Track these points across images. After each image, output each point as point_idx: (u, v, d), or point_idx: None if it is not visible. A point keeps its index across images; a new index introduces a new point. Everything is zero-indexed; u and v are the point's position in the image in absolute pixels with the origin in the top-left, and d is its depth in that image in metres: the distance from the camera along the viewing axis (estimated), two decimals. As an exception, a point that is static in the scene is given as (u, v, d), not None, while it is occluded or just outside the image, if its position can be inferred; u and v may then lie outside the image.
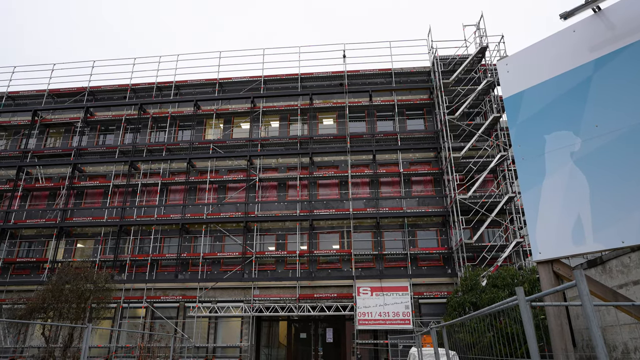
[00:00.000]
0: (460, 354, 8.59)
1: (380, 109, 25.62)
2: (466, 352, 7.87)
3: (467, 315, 5.86)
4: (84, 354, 7.04)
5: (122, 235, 23.67)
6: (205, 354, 21.09)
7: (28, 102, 28.62)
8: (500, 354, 6.88)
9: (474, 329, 7.34)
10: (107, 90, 28.10)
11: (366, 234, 22.85)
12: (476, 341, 7.21)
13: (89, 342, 7.75)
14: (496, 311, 4.88)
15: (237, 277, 22.09)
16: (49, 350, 16.47)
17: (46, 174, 26.23)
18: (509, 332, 7.26)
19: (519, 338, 6.62)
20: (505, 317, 6.35)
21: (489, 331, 7.55)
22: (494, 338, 6.83)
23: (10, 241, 24.50)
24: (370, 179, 24.00)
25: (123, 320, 22.13)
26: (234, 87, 27.34)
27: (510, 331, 7.17)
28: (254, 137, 25.30)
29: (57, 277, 17.89)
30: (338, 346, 22.05)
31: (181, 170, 25.23)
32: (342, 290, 21.38)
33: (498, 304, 4.41)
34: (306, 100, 25.77)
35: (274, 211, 23.53)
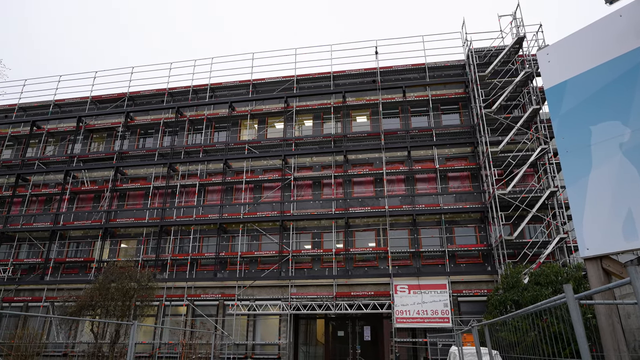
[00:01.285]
0: (503, 353, 8.38)
1: (414, 105, 25.28)
2: (508, 351, 7.67)
3: (511, 313, 5.70)
4: (130, 349, 7.30)
5: (163, 235, 24.38)
6: (245, 351, 21.45)
7: (73, 109, 29.89)
8: (544, 353, 6.66)
9: (516, 328, 7.14)
10: (146, 95, 28.99)
11: (402, 231, 22.62)
12: (519, 340, 7.01)
13: (135, 339, 8.02)
14: (540, 310, 4.72)
15: (275, 275, 22.34)
16: (97, 346, 17.16)
17: (91, 177, 27.34)
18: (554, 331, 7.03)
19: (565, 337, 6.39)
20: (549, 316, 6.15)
21: (532, 330, 7.33)
22: (537, 337, 6.63)
23: (60, 242, 25.70)
24: (405, 176, 23.73)
25: (165, 317, 22.80)
26: (268, 87, 27.63)
27: (554, 330, 6.94)
28: (288, 136, 25.49)
29: (104, 276, 18.62)
30: (376, 344, 21.94)
31: (218, 171, 25.73)
32: (379, 288, 21.25)
33: (544, 302, 4.26)
34: (339, 98, 25.74)
35: (309, 210, 23.64)
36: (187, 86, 28.30)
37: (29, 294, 24.45)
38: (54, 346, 22.60)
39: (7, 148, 29.79)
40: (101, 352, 16.85)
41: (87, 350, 19.06)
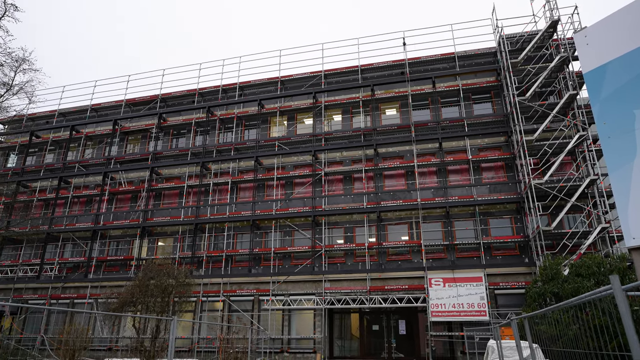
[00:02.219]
0: (543, 346, 8.17)
1: (445, 95, 24.83)
2: (549, 345, 7.47)
3: (552, 306, 5.54)
4: (171, 344, 7.51)
5: (198, 233, 24.91)
6: (281, 345, 21.72)
7: (109, 112, 30.85)
8: (588, 347, 6.45)
9: (557, 321, 6.94)
10: (177, 96, 29.61)
11: (436, 224, 22.32)
12: (560, 334, 6.82)
13: (175, 334, 8.25)
14: (582, 302, 4.57)
15: (308, 270, 22.48)
16: (139, 340, 17.73)
17: (128, 178, 28.19)
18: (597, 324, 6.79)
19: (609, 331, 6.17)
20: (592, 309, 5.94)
21: (574, 323, 7.11)
22: (580, 330, 6.43)
23: (101, 241, 26.66)
24: (437, 168, 23.38)
25: (203, 313, 23.34)
26: (296, 83, 27.72)
27: (598, 323, 6.71)
28: (317, 132, 25.54)
29: (143, 273, 19.21)
30: (411, 338, 21.80)
31: (249, 168, 26.06)
32: (413, 281, 21.08)
33: (589, 294, 4.13)
34: (367, 91, 25.56)
35: (340, 204, 23.65)
36: (217, 86, 28.73)
37: (74, 292, 25.50)
38: (99, 341, 23.53)
39: (49, 152, 31.07)
40: (143, 347, 17.39)
41: (130, 345, 19.74)
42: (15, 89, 20.92)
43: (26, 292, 26.28)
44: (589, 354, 5.97)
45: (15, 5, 19.76)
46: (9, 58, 20.64)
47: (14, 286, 26.32)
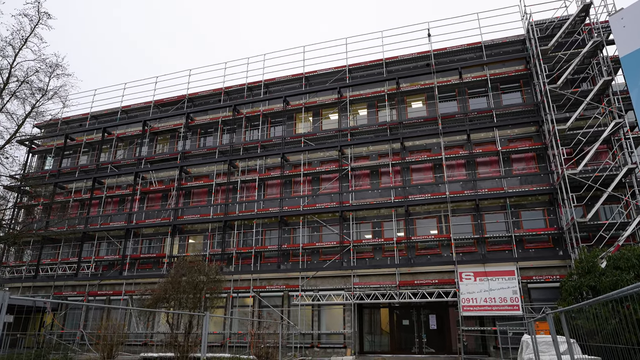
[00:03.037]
0: (580, 341, 7.95)
1: (472, 86, 24.33)
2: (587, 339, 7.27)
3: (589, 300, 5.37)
4: (204, 339, 7.66)
5: (227, 230, 25.27)
6: (311, 340, 21.85)
7: (138, 114, 31.58)
8: (628, 342, 6.23)
9: (594, 315, 6.73)
10: (204, 95, 30.04)
11: (465, 217, 21.96)
12: (598, 328, 6.61)
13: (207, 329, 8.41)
14: (622, 296, 4.40)
15: (336, 265, 22.51)
16: (173, 335, 18.14)
17: (158, 177, 28.82)
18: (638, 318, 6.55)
19: (654, 325, 5.94)
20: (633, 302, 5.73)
21: (613, 317, 6.89)
22: (619, 325, 6.22)
23: (134, 239, 27.40)
24: (466, 160, 22.97)
25: (234, 309, 23.70)
26: (320, 79, 27.69)
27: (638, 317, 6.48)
28: (343, 127, 25.47)
29: (175, 270, 19.62)
30: (442, 333, 21.56)
31: (276, 165, 26.23)
32: (443, 276, 20.83)
33: (630, 287, 3.97)
34: (393, 85, 25.31)
35: (368, 199, 23.55)
36: (242, 84, 29.00)
37: (110, 289, 26.30)
38: (135, 336, 24.22)
39: (83, 154, 32.07)
40: (177, 342, 17.77)
41: (164, 340, 20.22)
42: (50, 93, 21.63)
43: (65, 289, 27.28)
44: (630, 349, 5.77)
45: (48, 13, 20.41)
46: (44, 64, 21.35)
47: (54, 284, 27.36)
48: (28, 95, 20.98)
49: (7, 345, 18.74)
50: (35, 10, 20.15)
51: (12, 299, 4.99)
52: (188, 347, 17.34)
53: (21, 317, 25.00)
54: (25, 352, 17.56)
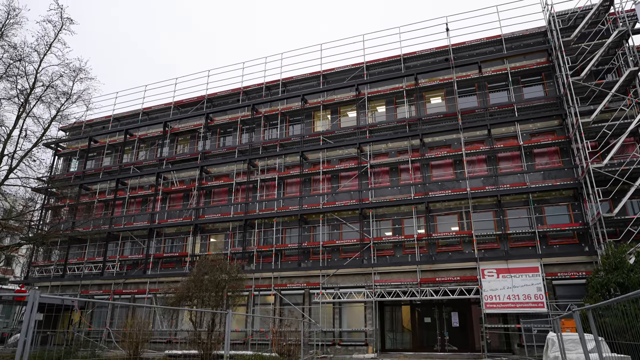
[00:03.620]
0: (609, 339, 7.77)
1: (492, 80, 23.96)
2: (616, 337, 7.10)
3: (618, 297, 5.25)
4: (227, 337, 7.76)
5: (248, 229, 25.49)
6: (333, 338, 21.89)
7: (159, 115, 32.08)
8: (659, 341, 6.07)
9: (623, 313, 6.57)
10: (222, 95, 30.33)
11: (487, 213, 21.67)
12: (628, 326, 6.45)
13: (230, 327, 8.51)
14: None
15: (357, 263, 22.49)
16: (196, 333, 18.41)
17: (179, 177, 29.24)
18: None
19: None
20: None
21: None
22: (650, 322, 6.05)
23: (156, 239, 27.87)
24: (487, 155, 22.65)
25: (255, 307, 23.91)
26: (338, 77, 27.65)
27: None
28: (361, 124, 25.40)
29: (197, 269, 19.89)
30: (464, 330, 21.35)
31: (295, 164, 26.32)
32: (465, 273, 20.61)
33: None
34: (411, 80, 25.11)
35: (388, 196, 23.44)
36: (260, 83, 29.17)
37: (135, 287, 26.83)
38: (159, 334, 24.66)
39: (106, 156, 32.75)
40: (200, 339, 18.03)
41: (188, 337, 20.54)
42: (74, 97, 22.08)
43: (92, 288, 27.95)
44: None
45: (71, 19, 20.83)
46: (67, 69, 21.81)
47: (81, 283, 28.05)
48: (53, 99, 21.47)
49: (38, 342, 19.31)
50: (59, 16, 20.60)
51: (42, 298, 5.16)
52: (211, 344, 17.59)
53: (50, 315, 25.73)
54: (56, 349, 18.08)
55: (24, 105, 20.62)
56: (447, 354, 20.12)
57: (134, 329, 18.57)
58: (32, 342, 4.53)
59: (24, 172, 21.17)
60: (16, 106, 20.81)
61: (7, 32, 19.71)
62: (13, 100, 20.59)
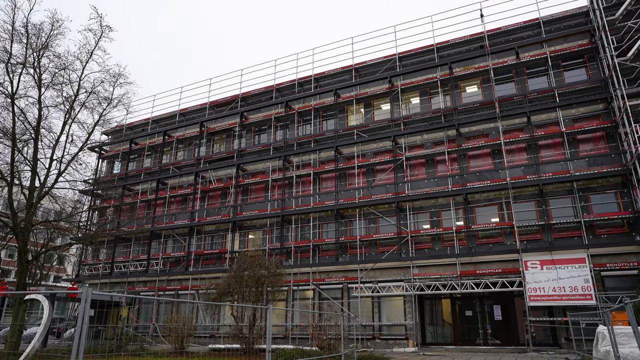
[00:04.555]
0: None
1: (531, 66, 23.14)
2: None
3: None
4: (268, 331, 7.90)
5: (285, 225, 25.76)
6: (372, 331, 21.87)
7: (195, 116, 32.83)
8: None
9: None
10: (256, 94, 30.69)
11: (528, 203, 21.01)
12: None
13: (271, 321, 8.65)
14: None
15: (395, 257, 22.33)
16: (238, 328, 18.84)
17: (217, 176, 29.86)
18: None
19: None
20: None
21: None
22: None
23: (197, 236, 28.61)
24: (526, 144, 21.94)
25: (294, 301, 24.17)
26: (370, 70, 27.43)
27: None
28: (395, 116, 25.12)
29: (237, 265, 20.32)
30: (508, 324, 20.84)
31: (330, 159, 26.35)
32: (506, 265, 20.09)
33: None
34: (445, 70, 24.60)
35: (424, 189, 23.12)
36: (292, 80, 29.33)
37: (178, 284, 27.68)
38: (203, 328, 25.36)
39: (147, 157, 33.83)
40: (242, 333, 18.45)
41: (230, 332, 21.04)
42: (115, 102, 22.87)
43: (137, 285, 29.03)
44: None
45: (110, 27, 21.57)
46: (108, 75, 22.61)
47: (127, 280, 29.18)
48: (95, 104, 22.31)
49: (91, 336, 20.25)
50: (98, 24, 21.36)
51: (93, 295, 5.41)
52: (253, 338, 17.95)
53: (101, 311, 26.93)
54: (108, 343, 18.92)
55: (69, 112, 21.55)
56: (490, 348, 19.71)
57: (178, 323, 19.21)
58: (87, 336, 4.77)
59: (71, 175, 22.21)
60: (62, 113, 21.77)
61: (52, 42, 20.61)
62: (59, 107, 21.56)
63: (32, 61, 20.35)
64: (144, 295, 27.81)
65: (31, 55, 20.30)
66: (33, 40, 20.14)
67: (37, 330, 9.59)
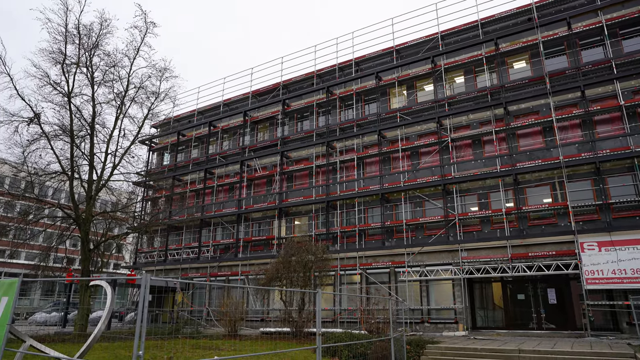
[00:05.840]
0: None
1: (584, 36, 21.83)
2: None
3: None
4: (318, 315, 8.03)
5: (330, 210, 25.91)
6: (421, 315, 21.77)
7: (238, 105, 33.43)
8: None
9: None
10: (297, 80, 30.81)
11: (584, 182, 20.03)
12: None
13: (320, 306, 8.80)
14: None
15: (442, 240, 22.01)
16: (287, 312, 19.29)
17: (261, 164, 30.38)
18: None
19: None
20: None
21: None
22: None
23: (245, 224, 29.34)
24: (581, 120, 20.84)
25: (342, 286, 24.39)
26: (412, 50, 26.84)
27: None
28: (439, 97, 24.51)
29: (284, 251, 20.72)
30: (563, 308, 20.12)
31: (373, 143, 26.15)
32: (561, 247, 19.33)
33: None
34: (491, 46, 23.66)
35: (471, 170, 22.52)
36: (333, 65, 29.19)
37: (228, 270, 28.58)
38: (253, 313, 26.14)
39: (194, 148, 34.88)
40: (291, 317, 18.87)
41: (280, 316, 21.57)
42: (162, 95, 23.70)
43: (190, 271, 30.23)
44: None
45: (154, 22, 22.26)
46: (154, 69, 23.41)
47: (181, 266, 30.44)
48: (144, 99, 23.21)
49: (150, 320, 21.40)
50: (143, 21, 22.07)
51: (151, 281, 5.69)
52: (302, 322, 18.33)
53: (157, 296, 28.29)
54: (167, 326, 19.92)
55: (121, 107, 22.52)
56: (545, 333, 19.14)
57: (230, 308, 19.88)
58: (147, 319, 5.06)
59: (125, 168, 23.27)
60: (114, 108, 22.79)
61: (102, 41, 21.53)
62: (111, 103, 22.59)
63: (85, 60, 21.38)
64: (197, 281, 28.95)
65: (83, 55, 21.32)
66: (84, 40, 21.13)
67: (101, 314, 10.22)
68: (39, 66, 20.56)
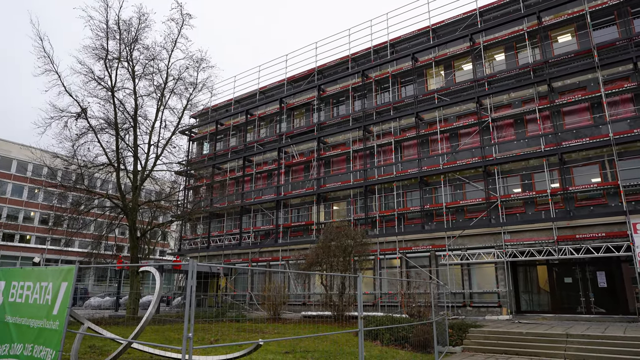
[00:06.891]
0: None
1: (636, 4, 20.48)
2: None
3: None
4: (359, 299, 8.08)
5: (368, 195, 25.84)
6: (463, 299, 21.51)
7: (274, 93, 33.62)
8: None
9: None
10: (331, 65, 30.61)
11: (636, 160, 19.00)
12: None
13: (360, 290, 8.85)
14: None
15: (484, 223, 21.55)
16: (327, 296, 19.52)
17: (299, 150, 30.55)
18: None
19: None
20: None
21: None
22: None
23: (284, 210, 29.74)
24: (633, 94, 19.71)
25: (382, 270, 24.40)
26: (448, 29, 26.06)
27: None
28: (478, 76, 23.74)
29: (324, 236, 20.89)
30: (613, 291, 19.33)
31: (410, 126, 25.75)
32: (611, 228, 18.52)
33: None
34: (533, 20, 22.62)
35: (513, 150, 21.82)
36: (368, 48, 28.79)
37: (269, 255, 29.13)
38: (295, 297, 26.60)
39: (232, 137, 35.49)
40: (332, 301, 19.09)
41: (320, 300, 21.86)
42: (200, 86, 24.18)
43: (232, 257, 31.03)
44: None
45: (190, 14, 22.63)
46: (191, 60, 23.89)
47: (223, 252, 31.29)
48: (182, 90, 23.77)
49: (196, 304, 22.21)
50: (179, 13, 22.48)
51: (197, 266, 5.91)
52: (343, 306, 18.51)
53: (203, 281, 29.25)
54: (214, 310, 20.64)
55: (161, 99, 23.15)
56: (594, 317, 18.50)
57: (272, 292, 20.33)
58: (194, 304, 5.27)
59: (167, 158, 24.04)
60: (154, 100, 23.46)
61: (141, 35, 22.10)
62: (151, 95, 23.24)
63: (126, 55, 22.05)
64: (239, 266, 29.71)
65: (124, 50, 21.98)
66: (124, 35, 21.76)
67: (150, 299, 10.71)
68: (84, 63, 21.49)
